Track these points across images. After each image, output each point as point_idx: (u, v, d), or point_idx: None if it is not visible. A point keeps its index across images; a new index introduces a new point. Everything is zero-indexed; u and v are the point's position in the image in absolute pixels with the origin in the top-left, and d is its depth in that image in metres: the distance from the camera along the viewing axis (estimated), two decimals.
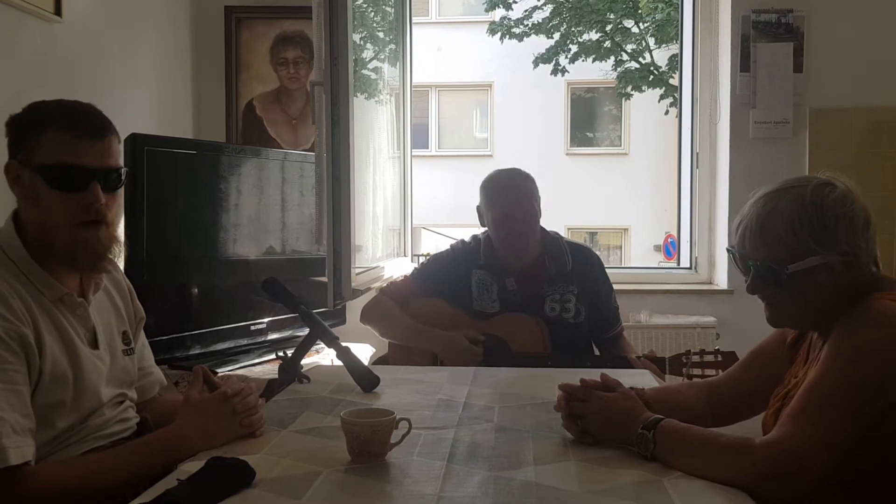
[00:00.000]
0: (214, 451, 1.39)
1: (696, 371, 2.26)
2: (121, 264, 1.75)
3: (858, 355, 1.31)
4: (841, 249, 1.36)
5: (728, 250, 1.53)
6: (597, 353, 2.58)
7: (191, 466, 1.30)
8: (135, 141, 2.35)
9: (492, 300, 2.52)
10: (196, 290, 2.66)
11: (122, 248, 1.54)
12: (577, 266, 2.55)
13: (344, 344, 1.95)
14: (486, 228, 2.58)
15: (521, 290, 2.52)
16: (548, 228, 2.64)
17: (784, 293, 1.41)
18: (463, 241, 2.68)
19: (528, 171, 2.61)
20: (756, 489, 1.25)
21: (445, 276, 2.59)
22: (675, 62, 10.72)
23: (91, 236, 1.44)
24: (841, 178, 1.42)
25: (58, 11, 2.36)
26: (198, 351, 2.57)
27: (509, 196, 2.50)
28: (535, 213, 2.52)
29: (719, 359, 2.23)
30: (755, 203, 1.43)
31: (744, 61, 3.46)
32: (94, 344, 1.51)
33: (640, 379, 1.93)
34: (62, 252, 1.43)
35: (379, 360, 2.66)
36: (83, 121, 1.44)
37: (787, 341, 1.58)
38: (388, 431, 1.37)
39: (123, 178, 1.50)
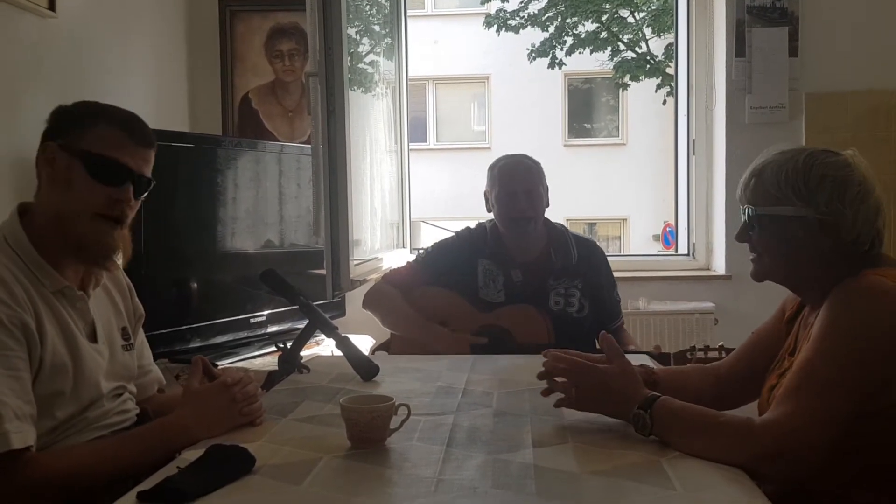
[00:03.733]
0: (215, 439, 1.39)
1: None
2: (120, 260, 1.75)
3: (851, 332, 1.32)
4: (819, 209, 1.39)
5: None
6: (598, 346, 2.57)
7: (191, 454, 1.31)
8: None
9: (497, 290, 2.50)
10: (195, 284, 2.66)
11: (129, 250, 1.56)
12: (583, 259, 2.54)
13: (343, 334, 1.95)
14: (492, 215, 2.56)
15: (526, 283, 2.50)
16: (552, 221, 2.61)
17: (759, 239, 1.48)
18: (468, 228, 2.66)
19: None
20: (756, 469, 1.26)
21: (450, 263, 2.56)
22: (671, 51, 10.68)
23: (107, 232, 1.48)
24: (855, 155, 1.44)
25: (52, 6, 2.35)
26: (198, 344, 2.58)
27: (515, 176, 2.49)
28: (541, 198, 2.51)
29: (723, 355, 2.22)
30: (760, 156, 1.49)
31: (739, 46, 3.46)
32: (93, 337, 1.52)
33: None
34: (73, 242, 1.46)
35: (381, 347, 2.65)
36: (136, 126, 1.52)
37: (785, 318, 1.59)
38: (387, 417, 1.38)
39: (149, 190, 1.55)
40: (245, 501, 1.15)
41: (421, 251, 2.74)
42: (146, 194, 1.55)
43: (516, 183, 2.48)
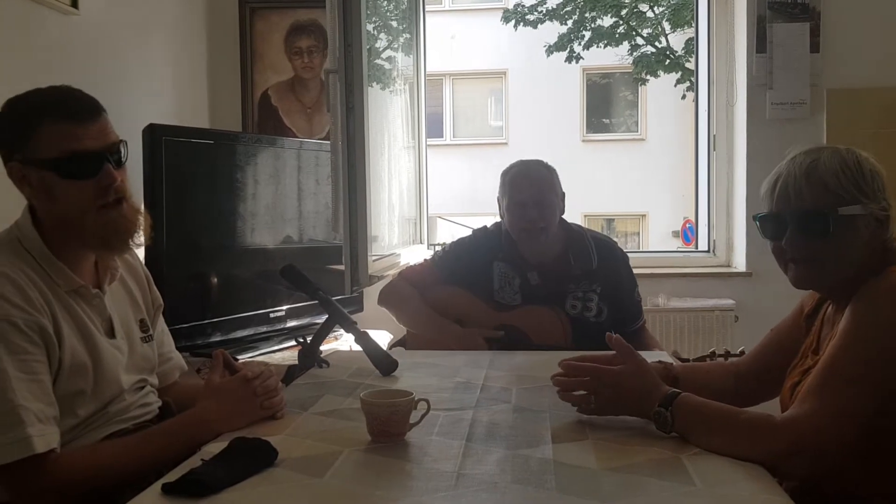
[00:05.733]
0: (236, 432, 1.40)
1: None
2: (141, 253, 1.77)
3: (876, 331, 1.31)
4: (880, 202, 1.39)
5: (755, 218, 1.50)
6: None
7: (214, 448, 1.32)
8: (153, 131, 2.37)
9: (513, 293, 2.46)
10: (215, 279, 2.68)
11: (146, 218, 1.52)
12: (603, 263, 2.47)
13: (362, 329, 1.96)
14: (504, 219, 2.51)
15: (544, 286, 2.45)
16: (568, 220, 2.55)
17: (827, 243, 1.40)
18: (485, 227, 2.62)
19: (545, 159, 2.55)
20: (777, 466, 1.26)
21: (467, 263, 2.52)
22: (690, 46, 10.63)
23: (117, 215, 1.45)
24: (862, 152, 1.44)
25: (74, 4, 2.39)
26: (218, 338, 2.60)
27: (525, 186, 2.42)
28: (554, 206, 2.44)
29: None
30: (793, 160, 1.44)
31: (760, 42, 3.44)
32: (111, 333, 1.52)
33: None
34: (93, 238, 1.44)
35: (397, 344, 2.65)
36: (75, 105, 1.42)
37: (804, 314, 1.58)
38: (407, 411, 1.39)
39: (126, 150, 1.48)
40: (268, 493, 1.17)
41: (438, 249, 2.71)
42: (127, 157, 1.47)
43: (526, 194, 2.40)
